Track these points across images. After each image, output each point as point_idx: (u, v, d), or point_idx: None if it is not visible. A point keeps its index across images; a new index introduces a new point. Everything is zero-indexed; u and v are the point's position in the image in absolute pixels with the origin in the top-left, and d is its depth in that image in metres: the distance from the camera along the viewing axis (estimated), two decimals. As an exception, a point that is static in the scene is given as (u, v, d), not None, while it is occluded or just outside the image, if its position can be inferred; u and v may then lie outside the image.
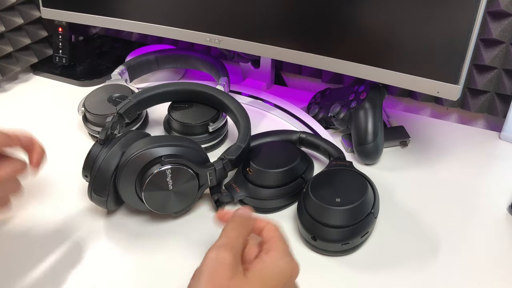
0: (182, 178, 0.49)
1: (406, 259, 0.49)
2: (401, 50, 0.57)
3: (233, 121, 0.63)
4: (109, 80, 0.76)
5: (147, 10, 0.75)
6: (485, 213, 0.56)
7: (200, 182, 0.51)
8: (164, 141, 0.51)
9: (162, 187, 0.49)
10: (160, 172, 0.48)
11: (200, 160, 0.52)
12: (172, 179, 0.49)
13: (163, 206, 0.51)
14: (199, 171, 0.51)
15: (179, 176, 0.49)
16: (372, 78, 0.60)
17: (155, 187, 0.49)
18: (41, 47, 0.94)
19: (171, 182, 0.49)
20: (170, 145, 0.50)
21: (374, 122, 0.63)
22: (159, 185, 0.49)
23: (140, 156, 0.49)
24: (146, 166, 0.49)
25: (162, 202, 0.50)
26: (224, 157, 0.53)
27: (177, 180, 0.49)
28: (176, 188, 0.50)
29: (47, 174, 0.62)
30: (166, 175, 0.48)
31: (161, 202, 0.50)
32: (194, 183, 0.50)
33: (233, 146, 0.55)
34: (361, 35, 0.59)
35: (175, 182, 0.49)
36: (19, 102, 0.84)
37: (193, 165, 0.50)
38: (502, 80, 0.70)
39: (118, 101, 0.70)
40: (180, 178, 0.49)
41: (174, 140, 0.51)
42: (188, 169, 0.49)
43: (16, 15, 0.87)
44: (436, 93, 0.56)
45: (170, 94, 0.65)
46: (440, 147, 0.69)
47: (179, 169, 0.49)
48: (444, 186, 0.60)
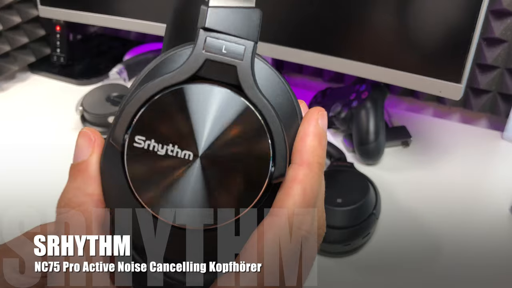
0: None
1: (408, 260, 0.49)
2: (403, 49, 0.57)
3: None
4: (107, 79, 0.75)
5: (146, 7, 0.75)
6: (487, 213, 0.56)
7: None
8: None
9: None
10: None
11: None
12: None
13: None
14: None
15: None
16: (374, 77, 0.60)
17: None
18: (39, 46, 0.93)
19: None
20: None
21: (375, 121, 0.62)
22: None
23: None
24: None
25: None
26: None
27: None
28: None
29: (44, 174, 0.62)
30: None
31: None
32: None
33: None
34: (363, 33, 0.59)
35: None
36: (17, 101, 0.83)
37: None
38: (504, 79, 0.69)
39: (117, 100, 0.70)
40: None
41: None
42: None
43: (14, 14, 0.86)
44: (439, 92, 0.56)
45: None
46: (442, 147, 0.68)
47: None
48: (446, 186, 0.60)
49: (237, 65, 0.22)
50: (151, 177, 0.21)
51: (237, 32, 0.22)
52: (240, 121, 0.22)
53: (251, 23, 0.22)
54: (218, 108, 0.22)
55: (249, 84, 0.22)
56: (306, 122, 0.24)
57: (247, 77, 0.22)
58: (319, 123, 0.24)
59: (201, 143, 0.21)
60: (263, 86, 0.23)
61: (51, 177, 0.62)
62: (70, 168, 0.24)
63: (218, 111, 0.22)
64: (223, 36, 0.22)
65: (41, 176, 0.62)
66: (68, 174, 0.24)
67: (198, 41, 0.22)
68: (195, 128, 0.21)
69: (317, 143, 0.23)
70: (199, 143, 0.21)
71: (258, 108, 0.22)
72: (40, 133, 0.73)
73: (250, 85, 0.22)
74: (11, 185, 0.61)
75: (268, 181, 0.22)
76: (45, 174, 0.62)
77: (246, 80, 0.22)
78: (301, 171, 0.23)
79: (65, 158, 0.74)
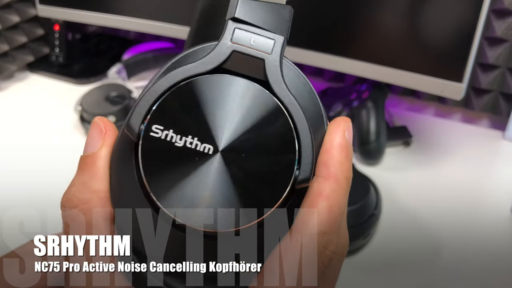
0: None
1: (409, 261, 0.49)
2: (404, 49, 0.56)
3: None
4: (106, 79, 0.75)
5: (145, 6, 0.75)
6: (489, 213, 0.55)
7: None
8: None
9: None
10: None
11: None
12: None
13: None
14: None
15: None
16: (375, 76, 0.59)
17: None
18: (37, 45, 0.93)
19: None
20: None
21: (376, 121, 0.62)
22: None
23: None
24: None
25: None
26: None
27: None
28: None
29: (43, 174, 0.62)
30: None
31: None
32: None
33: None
34: (364, 33, 0.58)
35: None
36: (16, 101, 0.83)
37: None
38: (506, 79, 0.69)
39: (116, 100, 0.69)
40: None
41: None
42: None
43: (13, 13, 0.86)
44: (440, 92, 0.56)
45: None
46: (444, 147, 0.68)
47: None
48: (447, 187, 0.60)
49: (265, 59, 0.20)
50: (166, 170, 0.20)
51: (266, 25, 0.21)
52: (266, 117, 0.20)
53: (281, 18, 0.21)
54: (243, 102, 0.20)
55: (277, 80, 0.20)
56: (332, 132, 0.22)
57: (275, 72, 0.20)
58: (345, 134, 0.22)
59: (223, 137, 0.20)
60: (290, 85, 0.21)
61: (51, 176, 0.62)
62: (79, 160, 0.22)
63: (242, 105, 0.20)
64: (252, 28, 0.21)
65: (40, 175, 0.61)
66: (77, 166, 0.22)
67: (226, 32, 0.21)
68: (217, 121, 0.20)
69: (344, 157, 0.22)
70: (220, 137, 0.20)
71: (285, 105, 0.20)
72: (39, 132, 0.72)
73: (278, 80, 0.20)
74: (11, 185, 0.60)
75: (291, 185, 0.20)
76: (44, 173, 0.62)
77: (274, 75, 0.20)
78: (328, 186, 0.21)
79: (64, 157, 0.74)
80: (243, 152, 0.20)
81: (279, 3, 0.22)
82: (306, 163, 0.20)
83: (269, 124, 0.20)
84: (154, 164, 0.20)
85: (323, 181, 0.21)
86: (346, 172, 0.22)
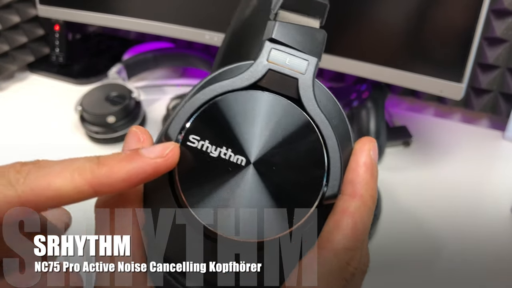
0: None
1: (409, 260, 0.49)
2: (404, 49, 0.56)
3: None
4: (106, 79, 0.75)
5: (145, 6, 0.75)
6: (488, 213, 0.55)
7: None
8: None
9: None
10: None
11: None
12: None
13: None
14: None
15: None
16: (375, 76, 0.59)
17: None
18: (38, 45, 0.93)
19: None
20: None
21: (376, 121, 0.62)
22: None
23: None
24: None
25: None
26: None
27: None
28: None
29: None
30: None
31: None
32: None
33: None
34: (364, 33, 0.58)
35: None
36: (16, 101, 0.83)
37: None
38: (506, 79, 0.69)
39: (116, 100, 0.69)
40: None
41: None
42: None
43: (13, 13, 0.86)
44: (440, 92, 0.56)
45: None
46: (443, 147, 0.68)
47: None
48: (447, 187, 0.60)
49: (299, 78, 0.22)
50: (200, 178, 0.21)
51: (301, 47, 0.22)
52: (297, 133, 0.21)
53: (315, 40, 0.23)
54: (276, 118, 0.21)
55: (309, 98, 0.21)
56: (358, 151, 0.23)
57: (307, 91, 0.21)
58: (371, 154, 0.23)
59: (255, 149, 0.21)
60: (320, 104, 0.22)
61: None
62: None
63: (276, 121, 0.21)
64: (287, 49, 0.22)
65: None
66: None
67: (263, 51, 0.22)
68: (250, 134, 0.21)
69: (370, 176, 0.22)
70: (253, 149, 0.21)
71: (316, 123, 0.21)
72: (39, 132, 0.72)
73: (310, 99, 0.21)
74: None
75: (319, 200, 0.21)
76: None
77: (307, 94, 0.21)
78: (353, 204, 0.21)
79: (64, 157, 0.74)
80: (274, 165, 0.21)
81: (314, 27, 0.23)
82: (334, 179, 0.21)
83: (300, 140, 0.21)
84: (189, 172, 0.21)
85: (349, 198, 0.21)
86: (371, 191, 0.22)
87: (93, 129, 0.68)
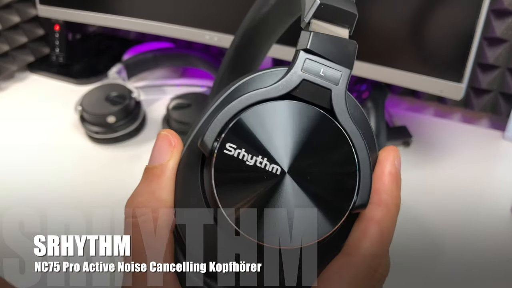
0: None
1: (409, 260, 0.49)
2: (404, 49, 0.56)
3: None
4: (107, 79, 0.75)
5: (145, 6, 0.75)
6: (488, 213, 0.55)
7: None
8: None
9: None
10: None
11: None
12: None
13: None
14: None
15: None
16: (375, 76, 0.59)
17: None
18: (38, 45, 0.93)
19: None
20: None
21: (376, 121, 0.62)
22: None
23: None
24: None
25: None
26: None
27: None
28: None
29: (43, 174, 0.62)
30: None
31: None
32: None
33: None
34: (363, 32, 0.58)
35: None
36: (16, 101, 0.83)
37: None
38: (506, 79, 0.69)
39: (116, 100, 0.69)
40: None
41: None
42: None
43: (13, 13, 0.86)
44: (440, 92, 0.56)
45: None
46: (443, 147, 0.68)
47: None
48: (447, 186, 0.60)
49: (332, 89, 0.22)
50: (237, 186, 0.21)
51: (334, 58, 0.22)
52: (331, 144, 0.21)
53: (347, 51, 0.23)
54: (311, 128, 0.21)
55: (342, 109, 0.22)
56: (383, 161, 0.23)
57: (340, 102, 0.22)
58: (395, 163, 0.24)
59: (290, 159, 0.21)
60: (351, 115, 0.22)
61: (51, 176, 0.62)
62: (145, 170, 0.23)
63: (310, 131, 0.21)
64: (321, 60, 0.22)
65: (40, 175, 0.61)
66: (142, 175, 0.23)
67: (298, 61, 0.22)
68: (285, 143, 0.21)
69: (395, 185, 0.23)
70: (288, 159, 0.21)
71: (349, 134, 0.21)
72: (39, 133, 0.72)
73: (343, 110, 0.22)
74: (11, 185, 0.60)
75: (350, 210, 0.21)
76: (44, 173, 0.62)
77: (340, 105, 0.22)
78: (379, 212, 0.22)
79: (64, 157, 0.74)
80: (308, 175, 0.21)
81: (347, 38, 0.23)
82: (364, 189, 0.21)
83: (333, 151, 0.21)
84: (226, 180, 0.21)
85: (375, 207, 0.22)
86: (395, 199, 0.23)
87: (93, 129, 0.68)
